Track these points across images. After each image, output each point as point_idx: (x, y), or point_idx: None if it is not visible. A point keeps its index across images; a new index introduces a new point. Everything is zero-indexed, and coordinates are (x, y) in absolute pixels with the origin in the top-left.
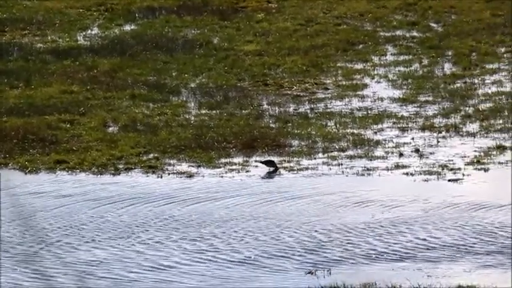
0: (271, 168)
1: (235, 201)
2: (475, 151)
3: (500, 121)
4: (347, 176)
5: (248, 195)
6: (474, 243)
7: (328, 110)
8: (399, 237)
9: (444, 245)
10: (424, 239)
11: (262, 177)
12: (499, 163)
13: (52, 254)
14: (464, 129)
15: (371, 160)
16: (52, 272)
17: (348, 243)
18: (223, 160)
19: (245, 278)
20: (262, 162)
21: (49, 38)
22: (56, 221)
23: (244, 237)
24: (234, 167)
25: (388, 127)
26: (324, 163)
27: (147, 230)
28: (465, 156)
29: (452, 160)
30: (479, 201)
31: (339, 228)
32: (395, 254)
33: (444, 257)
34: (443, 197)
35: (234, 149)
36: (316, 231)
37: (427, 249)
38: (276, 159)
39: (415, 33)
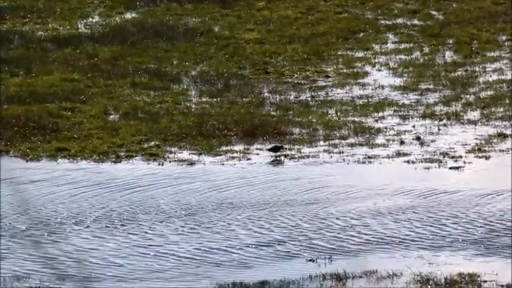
0: (278, 153)
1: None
2: (476, 139)
3: (501, 109)
4: (348, 163)
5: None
6: (475, 231)
7: (329, 98)
8: (399, 225)
9: (444, 233)
10: (424, 227)
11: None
12: (500, 151)
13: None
14: (465, 117)
15: (372, 148)
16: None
17: (351, 230)
18: (224, 148)
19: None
20: (269, 150)
21: (50, 26)
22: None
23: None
24: (235, 154)
25: (389, 115)
26: (325, 151)
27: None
28: (466, 144)
29: (453, 148)
30: (481, 189)
31: (341, 215)
32: (396, 242)
33: (445, 244)
34: (445, 184)
35: (235, 137)
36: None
37: (427, 237)
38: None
39: (416, 21)
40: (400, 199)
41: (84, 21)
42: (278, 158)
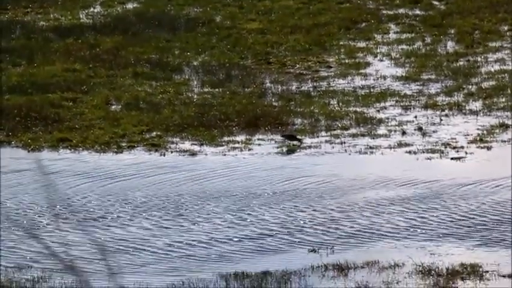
0: (294, 142)
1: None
2: (478, 129)
3: (503, 99)
4: (350, 154)
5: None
6: (477, 221)
7: (331, 88)
8: (401, 215)
9: (446, 223)
10: (425, 217)
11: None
12: (502, 141)
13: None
14: (467, 108)
15: (374, 138)
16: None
17: (351, 221)
18: (226, 138)
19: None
20: (283, 136)
21: (51, 16)
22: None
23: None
24: (236, 145)
25: (391, 105)
26: (326, 141)
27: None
28: (468, 135)
29: (455, 138)
30: (483, 178)
31: (344, 206)
32: (397, 232)
33: (447, 234)
34: (446, 175)
35: (236, 127)
36: (315, 210)
37: (429, 226)
38: (279, 137)
39: (417, 12)
40: (401, 190)
41: (86, 11)
42: (292, 146)
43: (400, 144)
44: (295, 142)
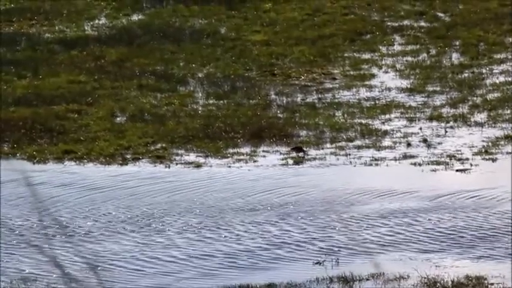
0: (300, 154)
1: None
2: (483, 141)
3: (508, 111)
4: (355, 166)
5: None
6: (482, 233)
7: (336, 100)
8: (407, 227)
9: (451, 235)
10: (432, 229)
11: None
12: (507, 153)
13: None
14: (472, 119)
15: (379, 150)
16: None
17: (357, 232)
18: (230, 150)
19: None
20: (293, 150)
21: (57, 28)
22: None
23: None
24: (241, 157)
25: (395, 117)
26: (331, 153)
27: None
28: (473, 146)
29: (460, 150)
30: (488, 190)
31: (348, 217)
32: (403, 244)
33: (452, 247)
34: (452, 187)
35: (241, 139)
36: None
37: (435, 239)
38: (283, 149)
39: (422, 23)
40: (406, 201)
41: (91, 23)
42: (298, 158)
43: (405, 156)
44: (300, 154)
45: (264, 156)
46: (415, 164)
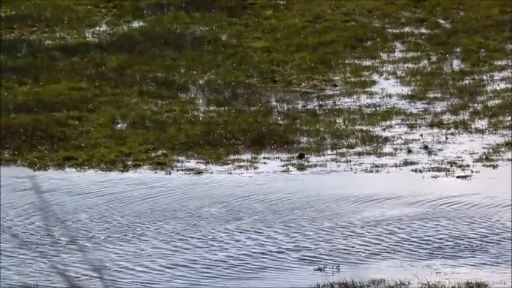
0: (301, 159)
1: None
2: (484, 148)
3: (509, 118)
4: (355, 172)
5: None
6: (484, 238)
7: (337, 107)
8: (408, 234)
9: (453, 242)
10: (432, 236)
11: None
12: (508, 159)
13: None
14: (472, 126)
15: (380, 157)
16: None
17: (358, 239)
18: (231, 157)
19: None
20: (298, 158)
21: (57, 34)
22: None
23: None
24: (242, 163)
25: (396, 124)
26: (332, 160)
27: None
28: (474, 153)
29: (461, 157)
30: (490, 198)
31: (348, 224)
32: (404, 251)
33: (453, 253)
34: (452, 193)
35: (242, 146)
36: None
37: (436, 245)
38: (284, 155)
39: (423, 30)
40: (406, 208)
41: (92, 30)
42: (299, 164)
43: (406, 163)
44: (301, 159)
45: (265, 163)
46: (415, 170)
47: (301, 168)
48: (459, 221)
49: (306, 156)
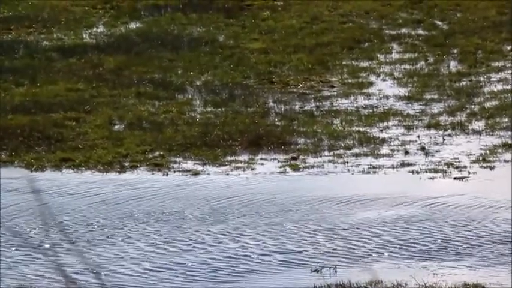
0: (295, 160)
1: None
2: (481, 149)
3: (506, 119)
4: (352, 173)
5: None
6: (480, 241)
7: (334, 108)
8: (404, 235)
9: (450, 243)
10: (429, 237)
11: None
12: (505, 161)
13: None
14: (470, 127)
15: (377, 158)
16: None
17: (354, 240)
18: (228, 158)
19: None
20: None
21: (54, 35)
22: None
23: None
24: (239, 164)
25: (393, 125)
26: (329, 161)
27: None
28: (471, 154)
29: (458, 158)
30: (486, 199)
31: (346, 225)
32: (401, 252)
33: (450, 254)
34: (449, 194)
35: (239, 147)
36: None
37: (433, 247)
38: (281, 156)
39: (420, 31)
40: (403, 209)
41: (89, 31)
42: (295, 165)
43: (403, 164)
44: (295, 160)
45: (262, 164)
46: (412, 171)
47: (297, 169)
48: (454, 223)
49: (298, 157)
